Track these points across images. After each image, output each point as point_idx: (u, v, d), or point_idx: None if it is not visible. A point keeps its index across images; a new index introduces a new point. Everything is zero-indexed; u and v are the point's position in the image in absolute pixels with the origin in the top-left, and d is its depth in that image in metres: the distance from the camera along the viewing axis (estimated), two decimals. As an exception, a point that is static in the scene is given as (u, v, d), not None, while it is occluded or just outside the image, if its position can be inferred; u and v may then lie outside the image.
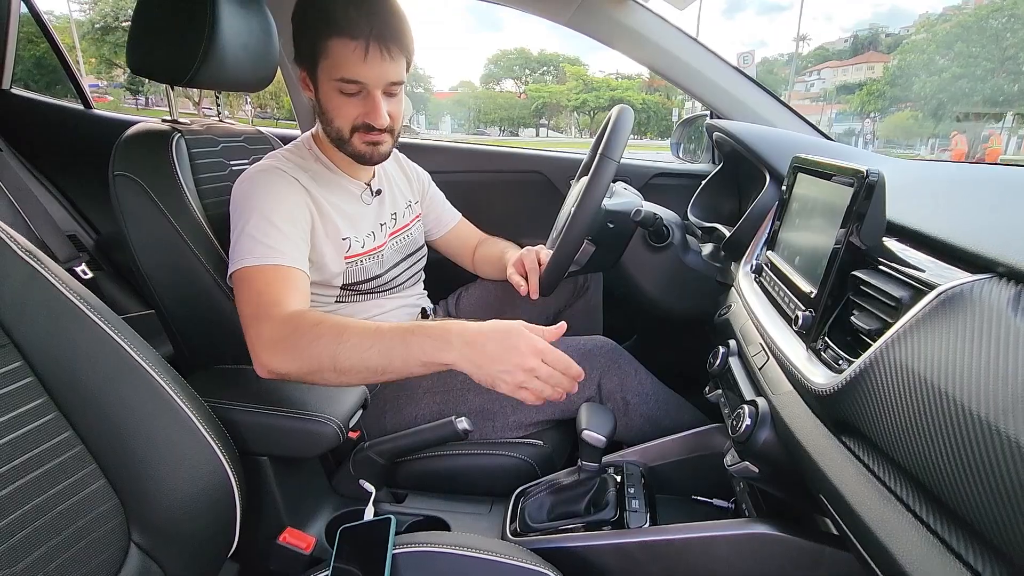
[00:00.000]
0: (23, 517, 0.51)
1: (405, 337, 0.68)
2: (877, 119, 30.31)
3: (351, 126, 0.87)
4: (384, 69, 0.82)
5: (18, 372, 0.54)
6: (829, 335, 0.53)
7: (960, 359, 0.36)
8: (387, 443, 0.86)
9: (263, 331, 0.73)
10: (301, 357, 0.70)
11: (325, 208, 0.91)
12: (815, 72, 38.12)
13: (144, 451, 0.60)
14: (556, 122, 38.11)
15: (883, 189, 0.49)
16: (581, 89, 35.17)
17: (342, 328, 0.70)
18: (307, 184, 0.90)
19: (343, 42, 0.80)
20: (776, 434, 0.59)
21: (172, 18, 0.88)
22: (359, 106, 0.85)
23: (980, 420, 0.33)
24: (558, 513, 0.78)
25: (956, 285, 0.39)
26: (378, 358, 0.68)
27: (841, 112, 32.64)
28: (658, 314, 1.09)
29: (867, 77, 34.22)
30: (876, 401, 0.42)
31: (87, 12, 22.77)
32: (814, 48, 42.13)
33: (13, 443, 0.52)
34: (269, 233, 0.80)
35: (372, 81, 0.83)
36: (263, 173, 0.87)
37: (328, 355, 0.69)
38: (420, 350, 0.68)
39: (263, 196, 0.84)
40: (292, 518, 0.79)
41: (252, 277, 0.78)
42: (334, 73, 0.82)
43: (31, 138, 1.62)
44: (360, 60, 0.80)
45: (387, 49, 0.81)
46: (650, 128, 33.05)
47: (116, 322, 0.61)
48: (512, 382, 0.65)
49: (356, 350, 0.69)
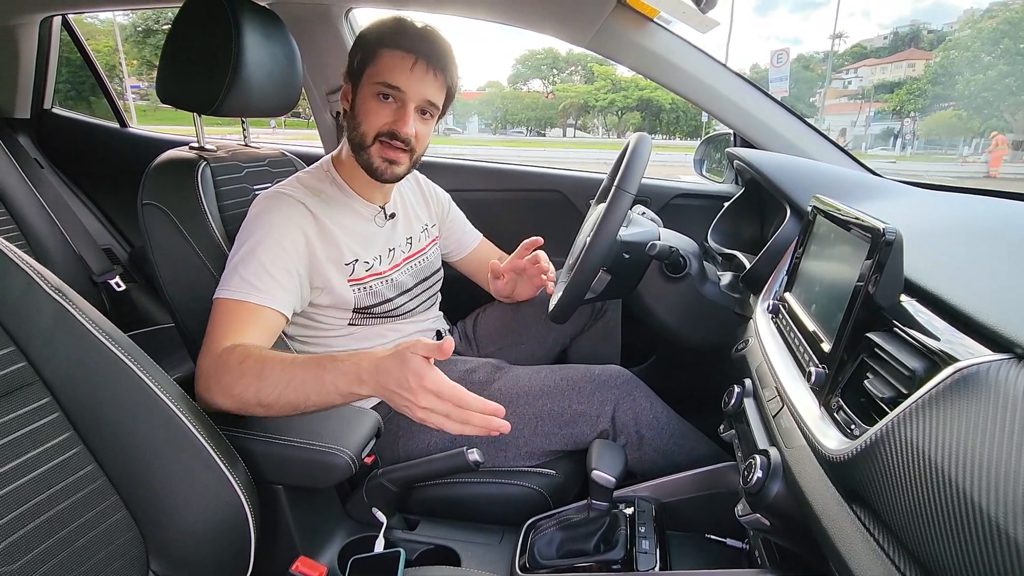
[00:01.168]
0: (49, 549, 0.53)
1: (318, 373, 0.68)
2: (917, 118, 29.28)
3: (376, 132, 0.89)
4: (425, 85, 0.88)
5: (46, 408, 0.56)
6: (843, 395, 0.51)
7: (971, 447, 0.35)
8: (400, 471, 0.87)
9: (202, 364, 0.76)
10: (229, 394, 0.72)
11: (330, 231, 0.92)
12: (852, 70, 37.00)
13: (163, 482, 0.62)
14: (583, 122, 37.89)
15: (900, 249, 0.47)
16: (609, 89, 34.87)
17: (263, 364, 0.71)
18: (314, 207, 0.91)
19: (394, 52, 0.86)
20: (788, 488, 0.58)
21: (199, 51, 0.91)
22: (390, 114, 0.88)
23: (987, 517, 0.32)
24: (567, 550, 0.78)
25: (972, 364, 0.38)
26: (295, 393, 0.69)
27: (880, 111, 31.64)
28: (677, 344, 1.07)
29: (907, 75, 33.05)
30: (886, 477, 0.41)
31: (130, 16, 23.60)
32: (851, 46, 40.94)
33: (39, 477, 0.54)
34: (250, 267, 0.82)
35: (411, 92, 0.87)
36: (269, 199, 0.90)
37: (252, 391, 0.70)
38: (333, 384, 0.68)
39: (260, 226, 0.86)
40: (306, 545, 0.81)
41: (221, 310, 0.81)
42: (377, 77, 0.87)
43: (70, 155, 1.69)
44: (406, 69, 0.86)
45: (432, 68, 0.87)
46: (679, 128, 32.57)
47: (140, 357, 0.64)
48: (416, 417, 0.64)
49: (276, 386, 0.69)
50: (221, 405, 0.73)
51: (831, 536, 0.48)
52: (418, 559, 0.86)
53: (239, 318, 0.80)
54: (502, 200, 1.52)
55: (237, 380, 0.71)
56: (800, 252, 0.72)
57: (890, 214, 0.82)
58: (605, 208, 0.84)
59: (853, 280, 0.52)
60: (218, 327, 0.79)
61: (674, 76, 1.16)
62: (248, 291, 0.81)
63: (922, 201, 0.90)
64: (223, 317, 0.80)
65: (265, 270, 0.82)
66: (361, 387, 0.67)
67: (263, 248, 0.84)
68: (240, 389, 0.71)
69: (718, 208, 1.19)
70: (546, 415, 0.94)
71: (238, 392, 0.71)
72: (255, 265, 0.82)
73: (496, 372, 1.02)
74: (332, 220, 0.93)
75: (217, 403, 0.73)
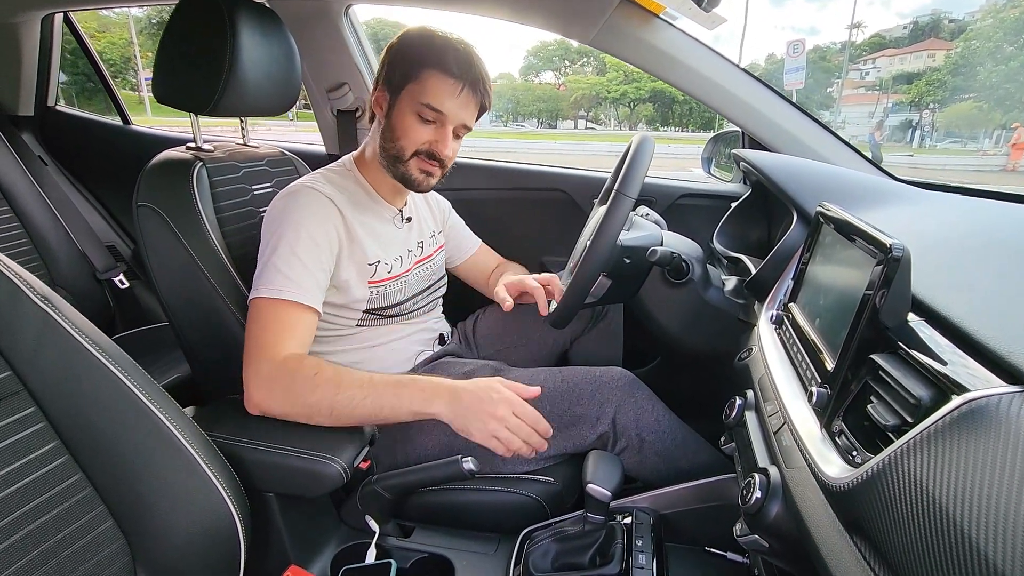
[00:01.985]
0: (34, 560, 0.53)
1: (398, 391, 0.76)
2: (936, 110, 28.69)
3: (415, 149, 0.91)
4: (467, 111, 0.91)
5: (30, 418, 0.56)
6: (845, 418, 0.49)
7: (976, 485, 0.32)
8: (394, 478, 0.86)
9: (261, 368, 0.77)
10: (296, 402, 0.76)
11: (356, 231, 0.92)
12: (870, 61, 36.28)
13: (150, 491, 0.61)
14: (595, 114, 37.59)
15: (908, 266, 0.45)
16: (621, 80, 34.51)
17: (339, 379, 0.76)
18: (341, 205, 0.92)
19: (443, 76, 0.88)
20: (787, 509, 0.56)
21: (194, 50, 0.89)
22: (430, 134, 0.91)
23: (986, 561, 0.30)
24: (562, 563, 0.76)
25: (982, 396, 0.35)
26: (371, 408, 0.76)
27: (897, 103, 31.03)
28: (679, 350, 1.05)
29: (927, 66, 32.34)
30: (886, 510, 0.38)
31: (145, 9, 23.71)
32: (869, 36, 40.11)
33: (24, 488, 0.54)
34: (293, 265, 0.83)
35: (452, 116, 0.90)
36: (299, 194, 0.90)
37: (326, 404, 0.75)
38: (410, 402, 0.77)
39: (294, 220, 0.86)
40: (297, 553, 0.80)
41: (263, 309, 0.81)
42: (421, 98, 0.88)
43: (74, 152, 1.69)
44: (453, 95, 0.88)
45: (476, 96, 0.91)
46: (692, 121, 32.21)
47: (127, 365, 0.63)
48: (484, 430, 0.75)
49: (351, 401, 0.75)
50: (282, 410, 0.78)
51: (829, 566, 0.45)
52: (412, 567, 0.85)
53: (287, 319, 0.81)
54: (505, 199, 1.50)
55: (312, 390, 0.76)
56: (806, 260, 0.69)
57: (900, 223, 0.79)
58: (605, 212, 0.82)
59: (858, 295, 0.49)
60: (269, 330, 0.80)
61: (680, 73, 1.13)
62: (293, 290, 0.82)
63: (935, 207, 0.86)
64: (271, 317, 0.81)
65: (305, 267, 0.83)
66: (433, 406, 0.77)
67: (301, 245, 0.84)
68: (316, 399, 0.76)
69: (725, 208, 1.16)
70: (545, 417, 0.93)
71: (313, 401, 0.76)
72: (296, 263, 0.83)
73: (495, 374, 1.00)
74: (357, 220, 0.94)
75: (277, 409, 0.77)
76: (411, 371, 1.04)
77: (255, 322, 0.81)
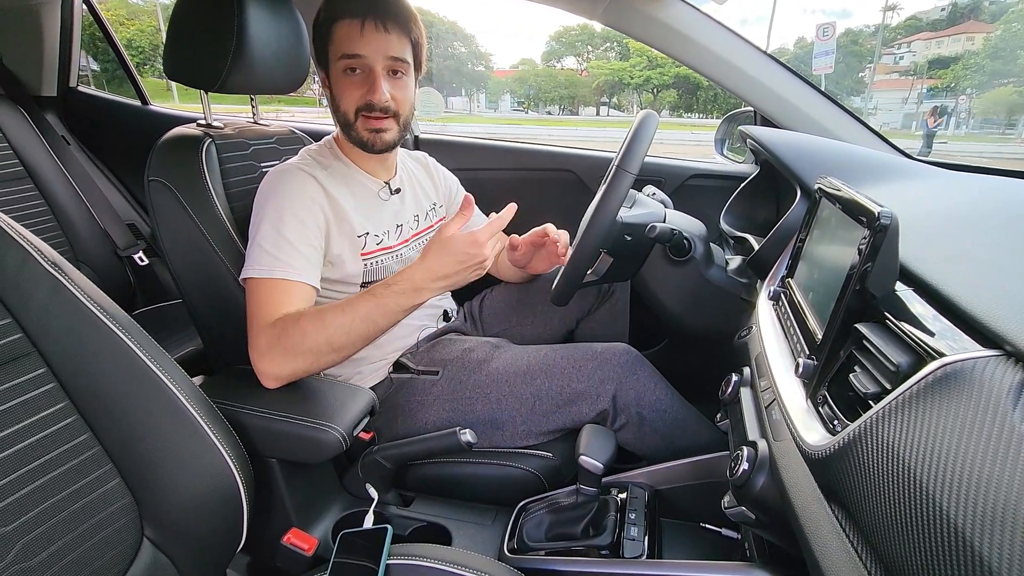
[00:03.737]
0: (42, 513, 0.55)
1: (378, 301, 0.80)
2: (973, 95, 27.61)
3: (355, 108, 0.90)
4: (380, 42, 0.87)
5: (42, 378, 0.58)
6: (830, 388, 0.49)
7: (946, 452, 0.32)
8: (393, 449, 0.88)
9: (258, 345, 0.79)
10: (297, 353, 0.78)
11: (340, 206, 0.93)
12: (904, 44, 35.00)
13: (156, 452, 0.63)
14: (618, 100, 37.05)
15: (895, 235, 0.44)
16: (645, 66, 33.90)
17: (321, 316, 0.78)
18: (324, 181, 0.92)
19: (344, 23, 0.86)
20: (773, 481, 0.56)
21: (202, 27, 0.91)
22: (360, 85, 0.89)
23: (956, 530, 0.29)
24: (555, 534, 0.77)
25: (956, 360, 0.35)
26: (363, 326, 0.79)
27: (932, 88, 29.92)
28: (680, 329, 1.04)
29: (964, 49, 31.08)
30: (860, 477, 0.38)
31: (169, -5, 24.01)
32: (905, 18, 38.64)
33: (35, 444, 0.56)
34: (278, 244, 0.84)
35: (370, 54, 0.87)
36: (282, 173, 0.91)
37: (323, 340, 0.78)
38: (396, 304, 0.80)
39: (277, 201, 0.87)
40: (300, 517, 0.83)
41: (254, 289, 0.83)
42: (337, 53, 0.88)
43: (95, 132, 1.73)
44: (358, 35, 0.86)
45: (383, 24, 0.86)
46: (717, 107, 31.52)
47: (135, 331, 0.65)
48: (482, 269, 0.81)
49: (342, 328, 0.78)
50: (292, 370, 0.79)
51: (807, 533, 0.46)
52: (410, 535, 0.87)
53: (276, 296, 0.82)
54: (513, 179, 1.49)
55: (303, 337, 0.78)
56: (804, 236, 0.68)
57: (903, 198, 0.77)
58: (604, 189, 0.82)
59: (848, 267, 0.49)
60: (261, 306, 0.82)
61: (689, 50, 1.11)
62: (281, 268, 0.83)
63: (948, 184, 0.84)
64: (261, 296, 0.82)
65: (292, 246, 0.84)
66: (423, 294, 0.80)
67: (286, 224, 0.85)
68: (310, 343, 0.78)
69: (736, 188, 1.15)
70: (544, 394, 0.93)
71: (308, 346, 0.78)
72: (282, 242, 0.84)
73: (494, 351, 1.01)
74: (340, 194, 0.94)
75: (287, 369, 0.79)
76: (414, 346, 1.06)
77: (250, 303, 0.83)
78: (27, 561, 0.53)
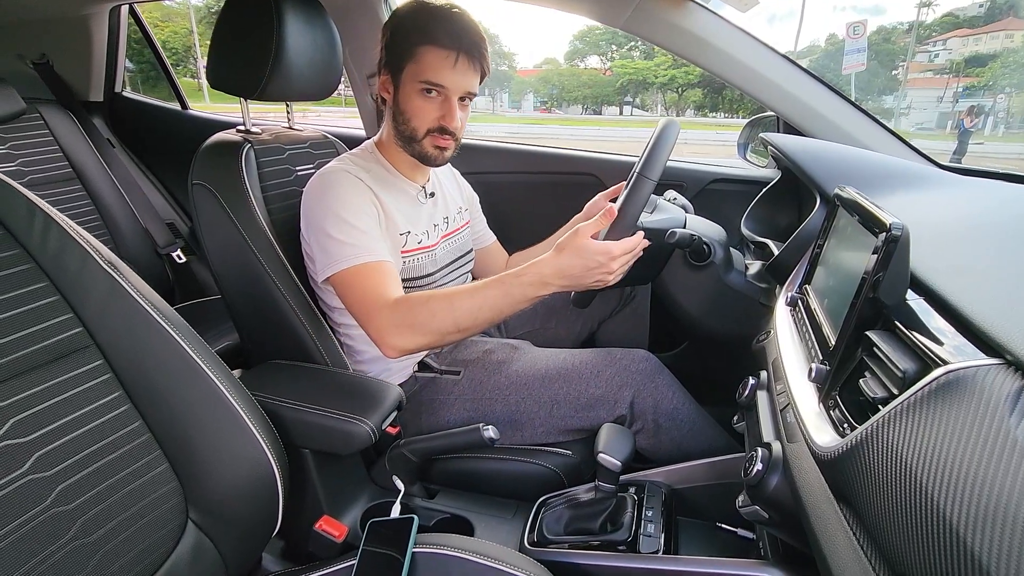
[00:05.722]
0: (99, 494, 0.60)
1: (505, 290, 0.83)
2: (1012, 94, 26.63)
3: (427, 127, 0.94)
4: (467, 79, 0.92)
5: (99, 369, 0.63)
6: (841, 393, 0.50)
7: (945, 455, 0.34)
8: (420, 443, 0.91)
9: (382, 322, 0.84)
10: (425, 331, 0.83)
11: (387, 206, 0.97)
12: (940, 42, 33.94)
13: (200, 441, 0.68)
14: (642, 100, 36.71)
15: (906, 246, 0.46)
16: (670, 65, 33.53)
17: (449, 298, 0.83)
18: (370, 184, 0.96)
19: (435, 50, 0.89)
20: (786, 482, 0.58)
21: (244, 38, 0.95)
22: (437, 109, 0.93)
23: (952, 528, 0.31)
24: (574, 528, 0.80)
25: (959, 368, 0.37)
26: (489, 312, 0.83)
27: (969, 86, 28.96)
28: (700, 332, 1.06)
29: (1003, 47, 30.01)
30: (866, 478, 0.40)
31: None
32: (941, 15, 37.48)
33: (93, 430, 0.61)
34: (350, 233, 0.88)
35: (454, 87, 0.91)
36: (331, 174, 0.95)
37: (450, 322, 0.83)
38: (522, 294, 0.83)
39: (335, 197, 0.91)
40: (331, 505, 0.87)
41: (350, 279, 0.88)
42: (420, 76, 0.91)
43: (138, 135, 1.82)
44: (450, 67, 0.89)
45: (472, 62, 0.91)
46: (743, 107, 31.01)
47: (182, 327, 0.70)
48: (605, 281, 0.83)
49: (470, 312, 0.83)
50: (417, 344, 0.85)
51: (816, 531, 0.48)
52: (434, 526, 0.90)
53: (374, 277, 0.87)
54: (536, 183, 1.52)
55: (432, 316, 0.83)
56: (822, 243, 0.70)
57: (920, 207, 0.78)
58: (625, 194, 0.84)
59: (861, 275, 0.50)
60: (367, 292, 0.87)
61: (712, 56, 1.12)
62: (364, 253, 0.88)
63: (968, 192, 0.84)
64: (359, 283, 0.87)
65: (361, 231, 0.89)
66: (548, 288, 0.83)
67: (350, 215, 0.90)
68: (436, 322, 0.83)
69: (758, 194, 1.16)
70: (562, 398, 0.96)
71: (435, 326, 0.83)
72: (353, 231, 0.89)
73: (514, 353, 1.04)
74: (385, 196, 0.98)
75: (413, 344, 0.85)
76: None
77: (348, 295, 0.88)
78: (86, 537, 0.58)
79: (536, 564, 0.70)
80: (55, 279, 0.61)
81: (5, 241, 0.60)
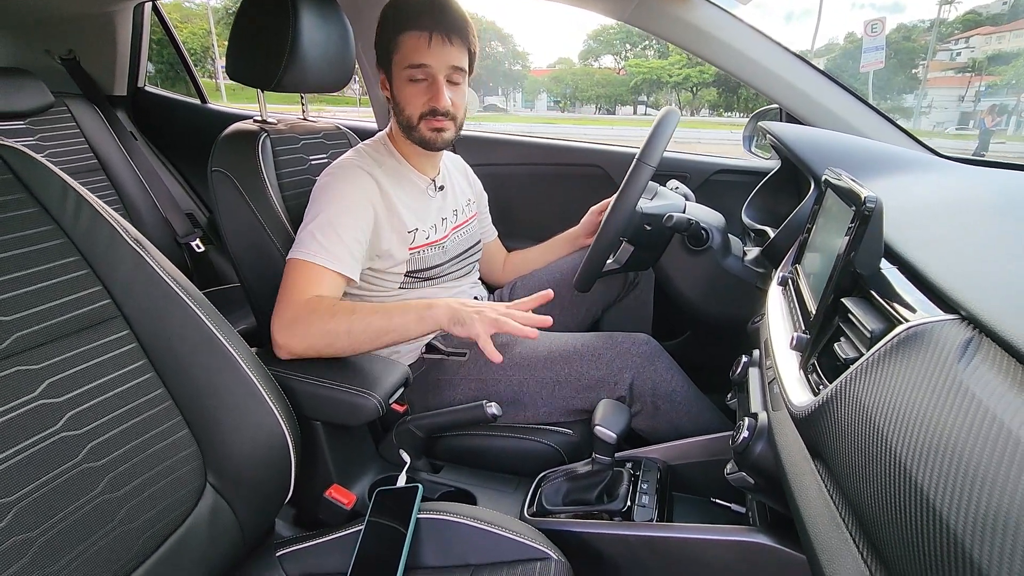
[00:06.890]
0: (126, 453, 0.64)
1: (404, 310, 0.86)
2: (1036, 93, 26.05)
3: (420, 113, 0.97)
4: (445, 54, 0.94)
5: (125, 339, 0.67)
6: (820, 359, 0.53)
7: (900, 403, 0.37)
8: (426, 419, 0.95)
9: (285, 314, 0.87)
10: (316, 332, 0.85)
11: (393, 202, 1.00)
12: (962, 40, 33.30)
13: (218, 409, 0.72)
14: (656, 99, 36.53)
15: (880, 218, 0.48)
16: (684, 64, 33.33)
17: (353, 307, 0.86)
18: (379, 177, 1.00)
19: (411, 34, 0.93)
20: (770, 447, 0.61)
21: (261, 32, 1.00)
22: (425, 93, 0.96)
23: (905, 471, 0.34)
24: (572, 499, 0.83)
25: (918, 324, 0.39)
26: (378, 328, 0.85)
27: (991, 84, 28.39)
28: (698, 317, 1.09)
29: (1029, 44, 29.38)
30: (835, 432, 0.43)
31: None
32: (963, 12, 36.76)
33: (120, 394, 0.65)
34: (328, 235, 0.91)
35: (435, 64, 0.94)
36: (342, 170, 0.99)
37: (343, 327, 0.84)
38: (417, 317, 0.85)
39: (334, 195, 0.95)
40: (340, 476, 0.91)
41: (295, 270, 0.91)
42: (404, 62, 0.95)
43: (159, 128, 1.88)
44: (425, 47, 0.92)
45: (448, 37, 0.93)
46: (759, 105, 30.63)
47: (202, 302, 0.74)
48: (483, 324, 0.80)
49: (363, 320, 0.85)
50: (305, 346, 0.87)
51: (793, 488, 0.50)
52: (439, 498, 0.94)
53: (313, 277, 0.90)
54: (543, 175, 1.55)
55: (331, 317, 0.85)
56: (811, 225, 0.72)
57: (907, 188, 0.80)
58: (625, 180, 0.87)
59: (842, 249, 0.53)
60: (295, 284, 0.90)
61: (716, 49, 1.15)
62: (324, 256, 0.91)
63: (960, 178, 0.86)
64: (298, 276, 0.91)
65: (339, 237, 0.92)
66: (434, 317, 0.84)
67: (338, 217, 0.93)
68: (333, 324, 0.85)
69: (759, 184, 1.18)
70: (563, 380, 0.99)
71: (331, 327, 0.85)
72: (331, 233, 0.92)
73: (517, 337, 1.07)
74: (394, 191, 1.01)
75: (302, 344, 0.87)
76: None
77: (286, 279, 0.91)
78: (114, 492, 0.62)
79: (535, 530, 0.73)
80: (86, 253, 0.66)
81: (41, 217, 0.64)
